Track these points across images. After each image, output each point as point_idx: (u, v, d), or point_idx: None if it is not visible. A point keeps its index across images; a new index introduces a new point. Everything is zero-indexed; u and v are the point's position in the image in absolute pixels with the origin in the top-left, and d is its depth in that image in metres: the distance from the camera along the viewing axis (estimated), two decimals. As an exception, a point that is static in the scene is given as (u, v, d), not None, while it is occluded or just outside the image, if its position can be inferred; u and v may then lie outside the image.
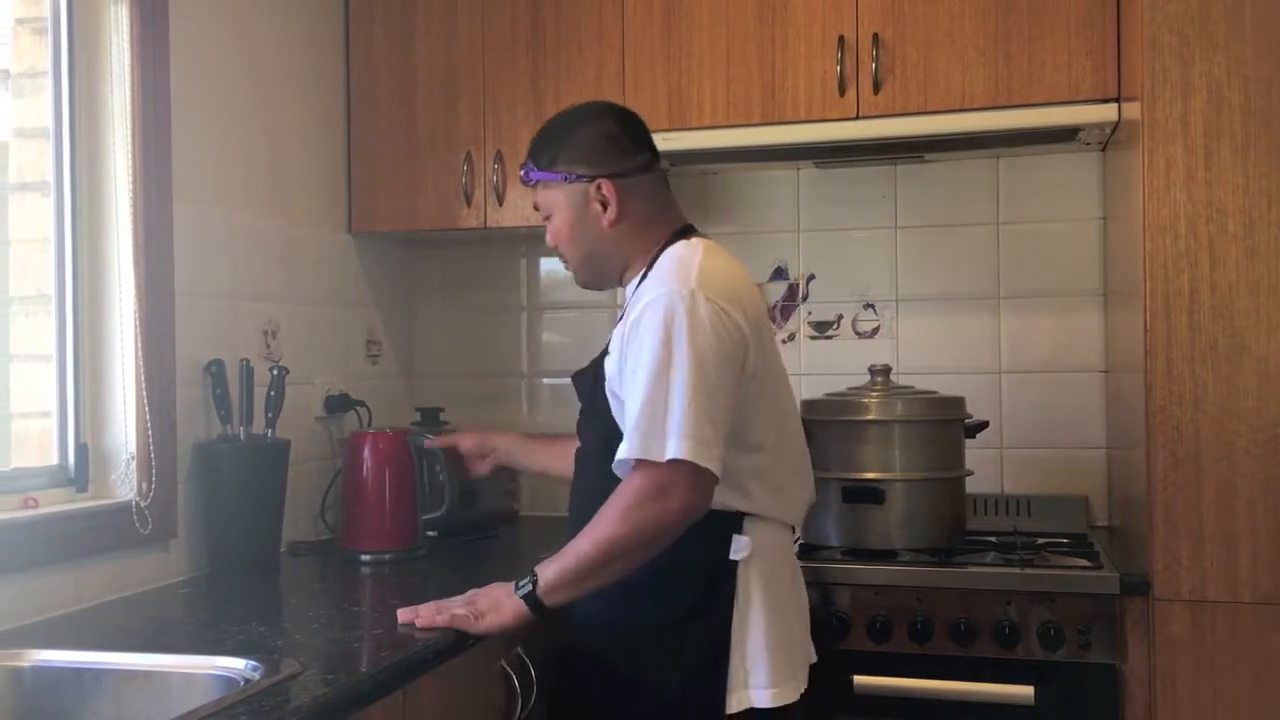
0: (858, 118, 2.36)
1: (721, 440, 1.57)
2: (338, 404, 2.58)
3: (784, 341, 2.78)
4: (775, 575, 1.70)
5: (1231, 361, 1.90)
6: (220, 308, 2.22)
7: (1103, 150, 2.56)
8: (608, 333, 2.85)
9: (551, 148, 1.76)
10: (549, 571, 1.62)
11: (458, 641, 1.65)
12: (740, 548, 1.65)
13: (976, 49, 2.29)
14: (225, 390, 2.15)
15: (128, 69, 1.98)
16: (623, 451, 1.58)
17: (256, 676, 1.41)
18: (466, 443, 2.15)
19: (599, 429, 1.73)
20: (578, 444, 1.85)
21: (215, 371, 2.14)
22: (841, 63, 2.35)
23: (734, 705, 1.62)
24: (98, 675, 1.52)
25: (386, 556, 2.24)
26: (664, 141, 2.46)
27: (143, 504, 1.95)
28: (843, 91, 2.36)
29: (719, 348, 1.59)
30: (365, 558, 2.25)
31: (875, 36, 2.34)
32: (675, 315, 1.58)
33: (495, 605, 1.65)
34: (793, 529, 1.79)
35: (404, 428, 2.42)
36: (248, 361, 2.21)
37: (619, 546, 1.57)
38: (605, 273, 1.81)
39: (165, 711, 1.34)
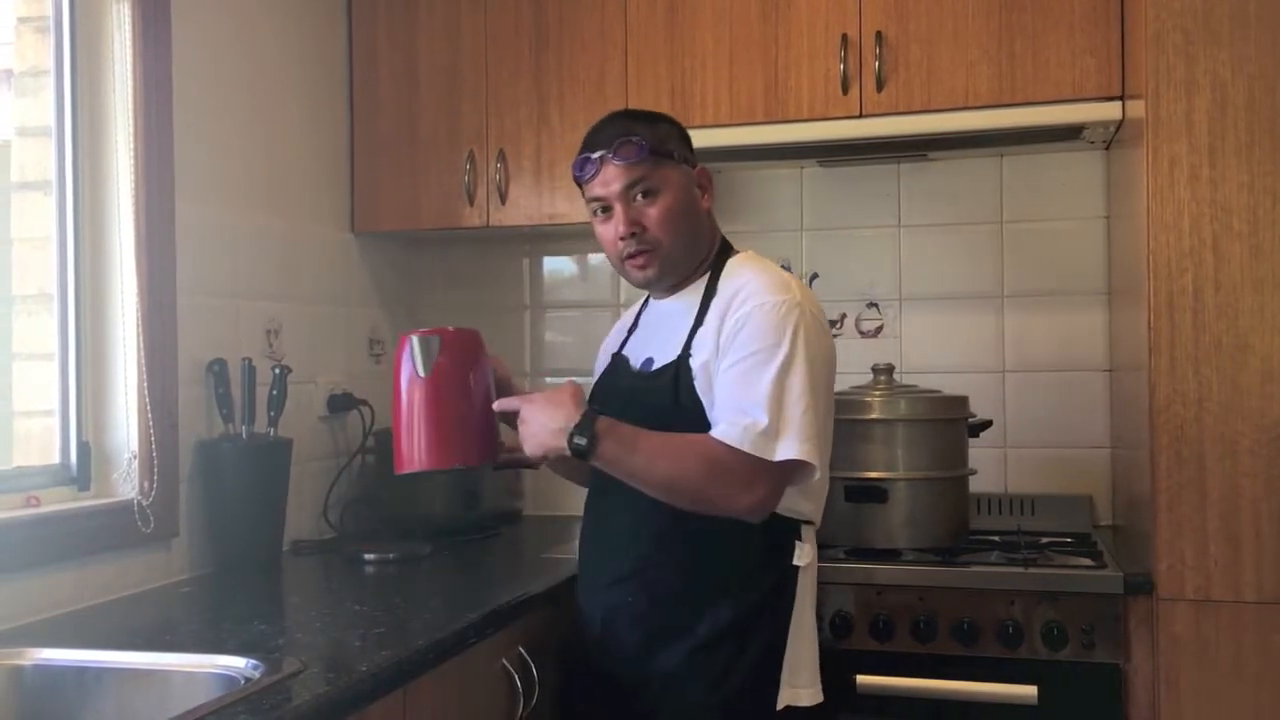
0: (861, 116, 2.35)
1: (829, 444, 1.65)
2: (340, 403, 2.58)
3: (787, 340, 2.77)
4: (814, 580, 1.75)
5: (1235, 360, 1.89)
6: (222, 306, 2.22)
7: (1106, 149, 2.56)
8: (609, 331, 2.89)
9: (659, 129, 1.75)
10: (609, 448, 1.56)
11: (459, 641, 1.65)
12: (802, 555, 1.68)
13: (980, 47, 2.29)
14: (228, 389, 2.15)
15: (130, 68, 1.98)
16: (735, 438, 1.55)
17: (257, 675, 1.41)
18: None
19: (685, 429, 1.63)
20: None
21: (218, 370, 2.14)
22: (845, 61, 2.35)
23: (779, 703, 1.66)
24: (99, 674, 1.52)
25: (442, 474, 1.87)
26: (667, 140, 2.48)
27: (145, 503, 1.95)
28: (846, 90, 2.35)
29: (825, 359, 1.65)
30: (369, 557, 2.25)
31: (879, 34, 2.33)
32: (791, 320, 1.60)
33: (537, 436, 1.61)
34: None
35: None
36: (250, 360, 2.20)
37: (674, 488, 1.58)
38: (689, 261, 1.76)
39: (166, 710, 1.34)
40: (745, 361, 1.60)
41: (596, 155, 1.72)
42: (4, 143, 1.99)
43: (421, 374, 1.71)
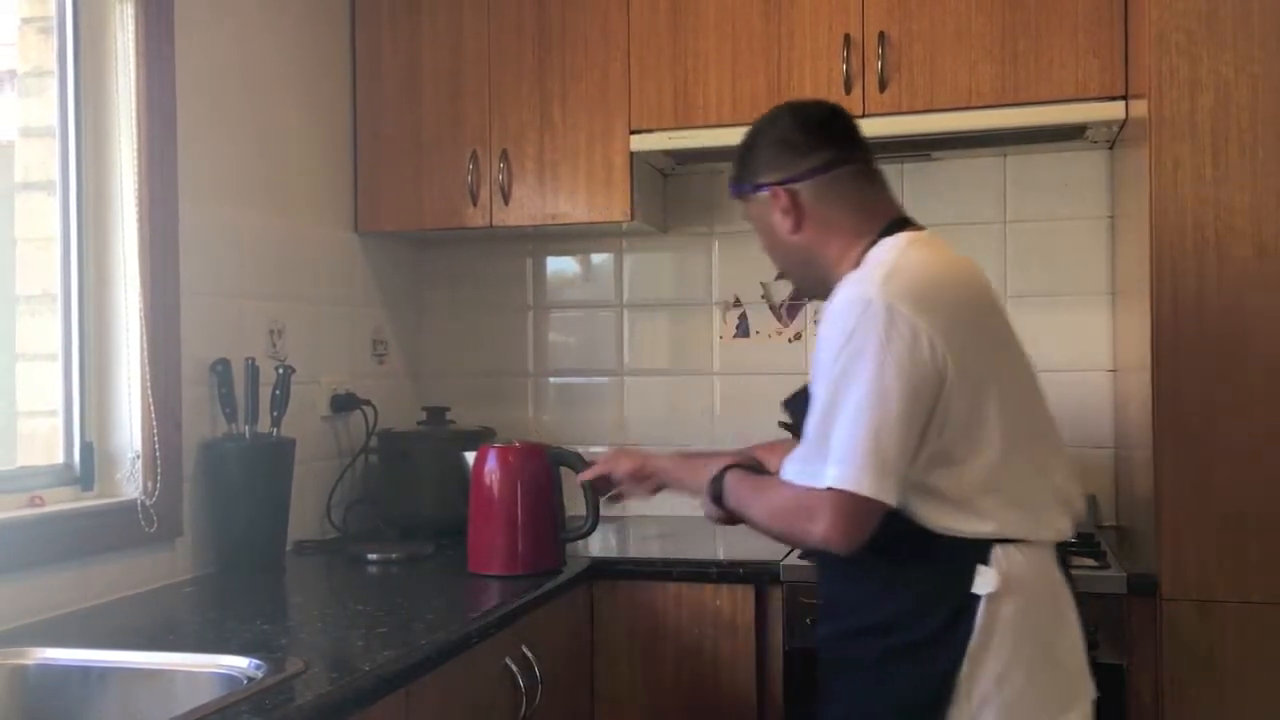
0: (864, 116, 2.35)
1: (897, 466, 1.40)
2: (344, 403, 2.58)
3: (790, 341, 2.77)
4: (1032, 610, 1.46)
5: (1239, 360, 1.89)
6: (226, 306, 2.23)
7: (1110, 148, 2.55)
8: (615, 332, 2.89)
9: (741, 160, 1.67)
10: (730, 497, 1.64)
11: (462, 640, 1.65)
12: (986, 581, 1.43)
13: (983, 47, 2.29)
14: (231, 389, 2.15)
15: (133, 68, 1.98)
16: (785, 469, 1.49)
17: (260, 675, 1.41)
18: (623, 467, 1.90)
19: None
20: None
21: (221, 370, 2.15)
22: (847, 61, 2.35)
23: None
24: (102, 674, 1.53)
25: (520, 580, 2.04)
26: (670, 140, 2.49)
27: (148, 502, 1.96)
28: (849, 90, 2.35)
29: (900, 362, 1.41)
30: (372, 557, 2.25)
31: (881, 35, 2.33)
32: (853, 325, 1.43)
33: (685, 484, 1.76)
34: (1057, 546, 1.53)
35: (540, 444, 2.22)
36: (253, 360, 2.21)
37: (771, 533, 1.58)
38: (814, 281, 1.65)
39: (169, 710, 1.34)
40: (818, 371, 1.47)
41: None
42: (8, 143, 1.99)
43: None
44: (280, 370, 2.26)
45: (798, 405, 1.57)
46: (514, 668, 1.80)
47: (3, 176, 1.98)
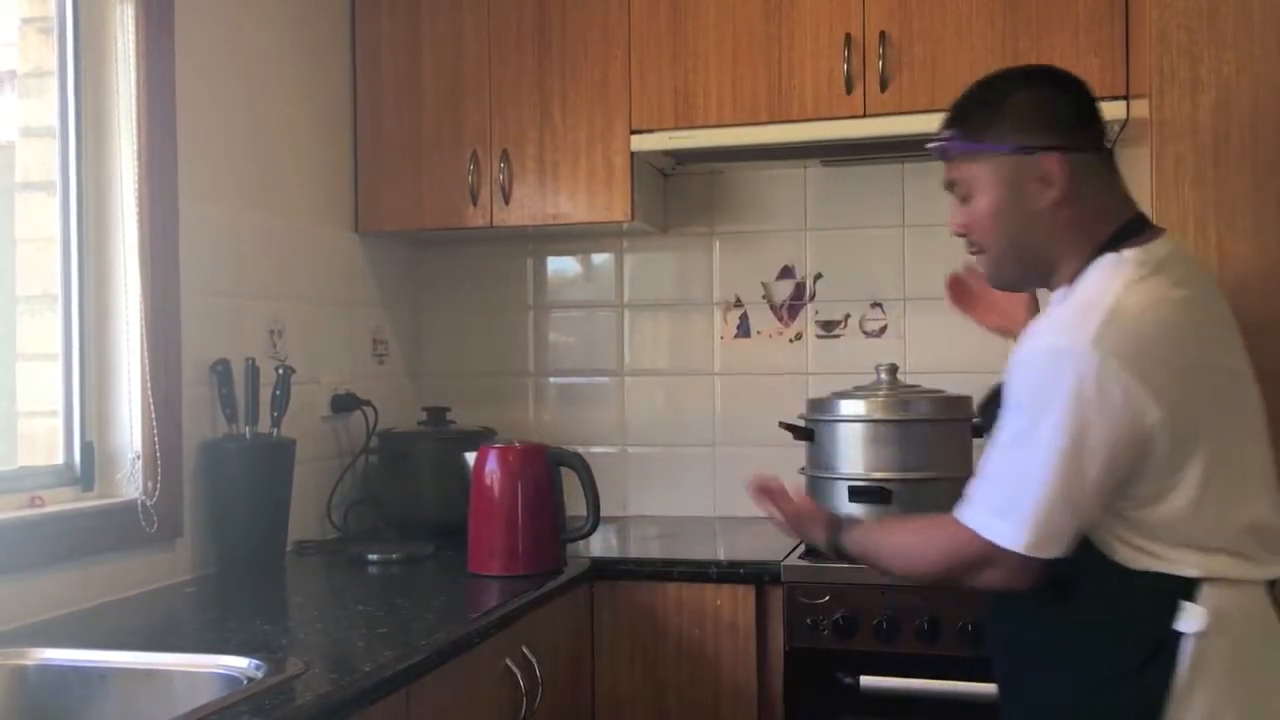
0: (865, 115, 2.35)
1: (1076, 526, 1.35)
2: (344, 403, 2.58)
3: (791, 341, 2.77)
4: (1244, 650, 1.36)
5: (1241, 360, 1.88)
6: (226, 307, 2.23)
7: (1111, 148, 2.54)
8: (616, 332, 2.89)
9: (982, 113, 1.48)
10: (854, 546, 1.58)
11: (462, 640, 1.65)
12: (1193, 619, 1.33)
13: (984, 46, 2.28)
14: (231, 389, 2.15)
15: (134, 69, 1.98)
16: (965, 515, 1.41)
17: (260, 675, 1.41)
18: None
19: None
20: None
21: (221, 370, 2.15)
22: (848, 60, 2.34)
23: None
24: (102, 674, 1.53)
25: (520, 580, 2.03)
26: (671, 140, 2.48)
27: (148, 503, 1.96)
28: (850, 89, 2.35)
29: (1109, 426, 1.31)
30: (373, 557, 2.25)
31: (882, 34, 2.33)
32: (1057, 383, 1.32)
33: (806, 532, 1.69)
34: (1269, 584, 1.40)
35: (540, 444, 2.21)
36: (254, 360, 2.21)
37: (914, 576, 1.54)
38: (1029, 269, 1.51)
39: (169, 710, 1.34)
40: (1007, 417, 1.39)
41: (931, 146, 1.55)
42: (8, 143, 1.99)
43: None
44: (280, 370, 2.26)
45: (989, 411, 1.50)
46: (514, 668, 1.80)
47: (3, 177, 1.98)
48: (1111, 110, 2.21)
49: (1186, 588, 1.35)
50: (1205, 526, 1.36)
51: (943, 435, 2.26)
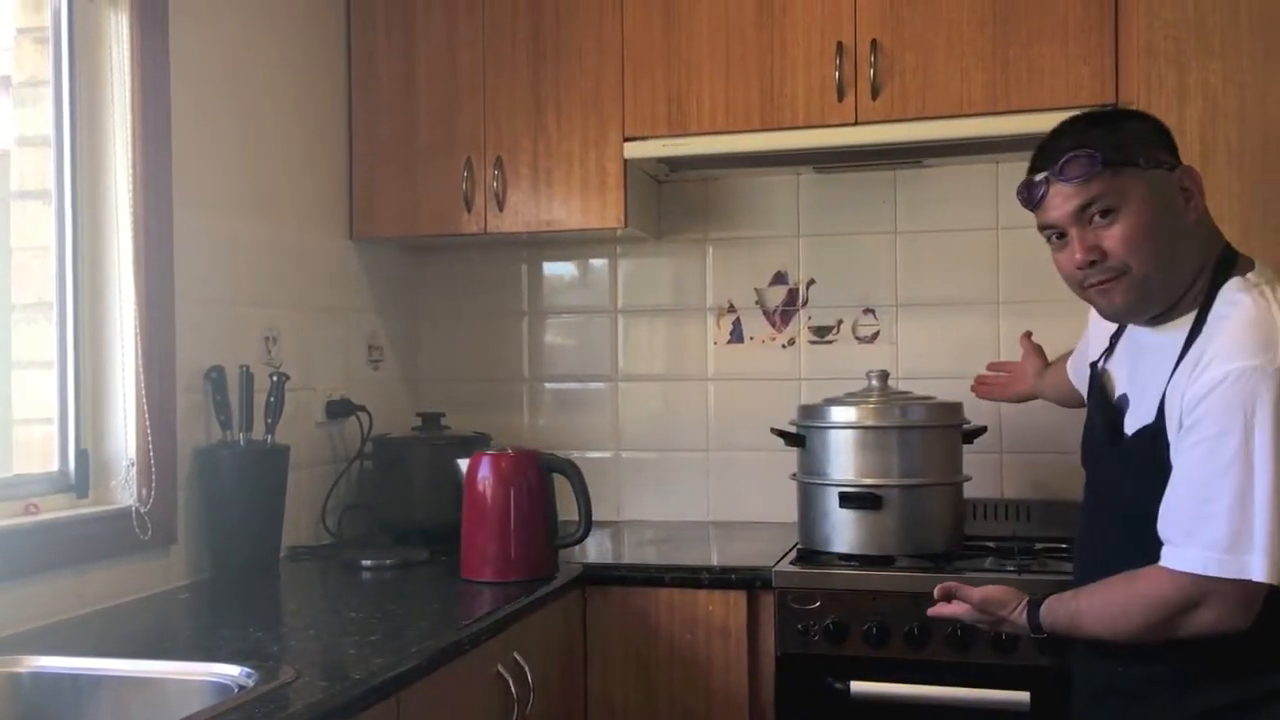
0: (856, 123, 2.36)
1: None
2: (339, 409, 2.59)
3: (784, 347, 2.78)
4: None
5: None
6: (221, 314, 2.24)
7: (1102, 155, 2.56)
8: (610, 338, 2.90)
9: (1117, 134, 1.49)
10: (1049, 616, 1.55)
11: (453, 647, 1.66)
12: None
13: (975, 54, 2.30)
14: (225, 396, 2.16)
15: (128, 77, 1.99)
16: (1175, 560, 1.38)
17: (251, 683, 1.42)
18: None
19: (1151, 489, 1.46)
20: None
21: (215, 378, 2.16)
22: (840, 69, 2.36)
23: None
24: (95, 682, 1.53)
25: (512, 586, 2.04)
26: (664, 147, 2.50)
27: (143, 510, 1.97)
28: (841, 97, 2.36)
29: None
30: (366, 563, 2.27)
31: (874, 42, 2.34)
32: (1259, 402, 1.32)
33: (1000, 616, 1.63)
34: None
35: (533, 450, 2.20)
36: (248, 368, 2.22)
37: (1121, 636, 1.47)
38: (1168, 290, 1.48)
39: (160, 718, 1.35)
40: (1202, 447, 1.36)
41: (1041, 177, 1.50)
42: (3, 152, 2.00)
43: None
44: (275, 377, 2.27)
45: (1142, 444, 1.49)
46: (506, 675, 1.81)
47: (-1, 185, 1.99)
48: (1101, 119, 2.23)
49: None
50: None
51: (933, 441, 2.27)
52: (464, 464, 2.15)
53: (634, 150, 2.50)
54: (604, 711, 2.22)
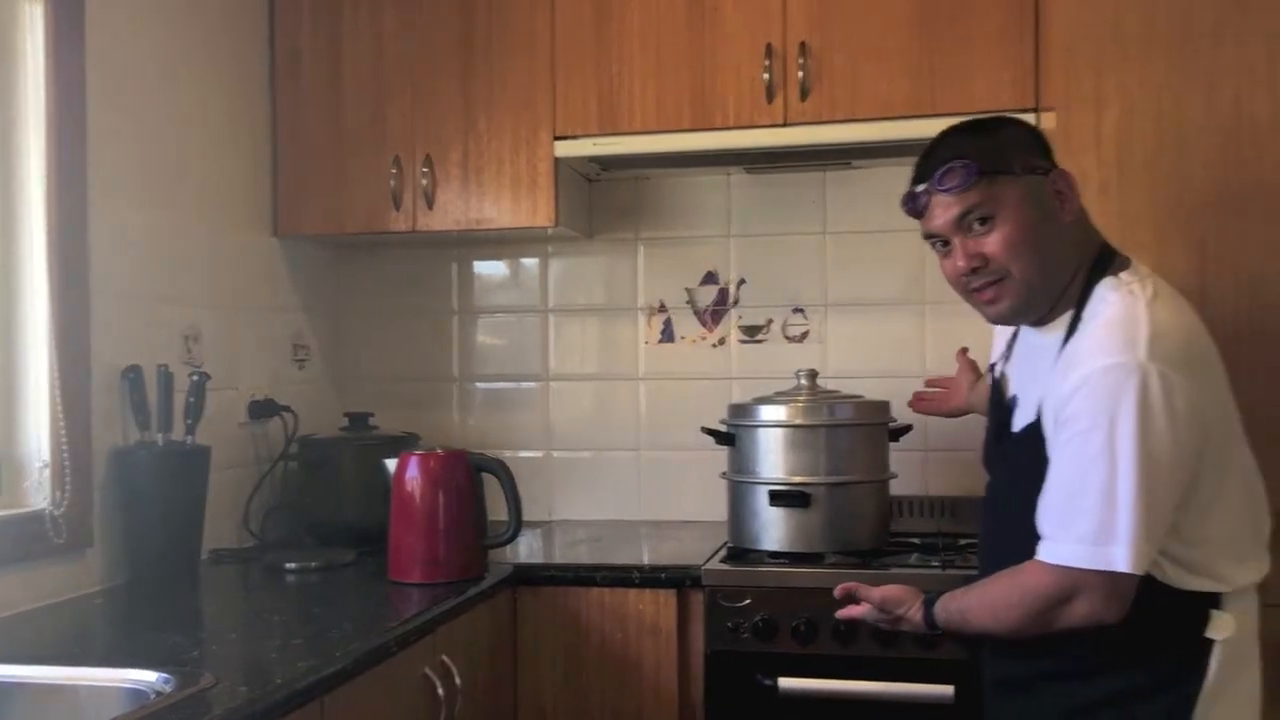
0: (786, 124, 2.38)
1: (1157, 540, 1.39)
2: (262, 409, 2.54)
3: (714, 346, 2.80)
4: (1249, 651, 1.49)
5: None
6: (139, 311, 2.18)
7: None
8: (541, 337, 2.89)
9: (992, 142, 1.52)
10: (942, 613, 1.57)
11: (379, 649, 1.63)
12: (1222, 626, 1.43)
13: (902, 58, 2.33)
14: (143, 396, 2.11)
15: (41, 70, 1.93)
16: (1048, 554, 1.42)
17: (168, 689, 1.39)
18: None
19: (1036, 486, 1.48)
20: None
21: (133, 377, 2.10)
22: (770, 70, 2.37)
23: None
24: (6, 690, 1.48)
25: (441, 587, 2.02)
26: (595, 146, 2.49)
27: (56, 513, 1.91)
28: (771, 98, 2.38)
29: (1173, 437, 1.36)
30: (290, 566, 2.22)
31: (803, 45, 2.36)
32: (1122, 398, 1.36)
33: (899, 615, 1.64)
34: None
35: (462, 450, 2.19)
36: (167, 367, 2.16)
37: (1005, 629, 1.49)
38: (1049, 290, 1.51)
39: (73, 726, 1.31)
40: (1073, 444, 1.40)
41: (922, 188, 1.54)
42: (-92, 143, 1.93)
43: None
44: (195, 377, 2.22)
45: (1021, 446, 1.52)
46: (434, 677, 1.79)
47: (-98, 177, 1.92)
48: (1023, 123, 2.27)
49: (1214, 598, 1.43)
50: (1244, 536, 1.47)
51: (862, 439, 2.30)
52: (392, 464, 2.12)
53: (565, 149, 2.49)
54: (533, 713, 2.21)
